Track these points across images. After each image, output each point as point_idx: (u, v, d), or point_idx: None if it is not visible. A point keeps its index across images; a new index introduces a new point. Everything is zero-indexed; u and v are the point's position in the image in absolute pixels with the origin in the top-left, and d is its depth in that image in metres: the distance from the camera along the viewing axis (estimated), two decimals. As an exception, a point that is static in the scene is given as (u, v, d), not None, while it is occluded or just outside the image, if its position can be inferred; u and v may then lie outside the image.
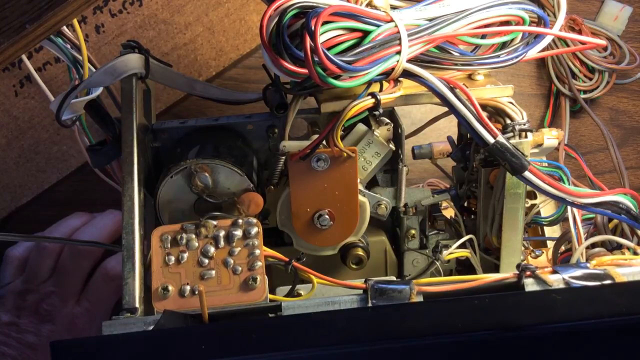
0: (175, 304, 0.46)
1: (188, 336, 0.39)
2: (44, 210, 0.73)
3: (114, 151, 0.52)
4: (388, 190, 0.55)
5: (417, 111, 0.73)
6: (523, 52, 0.50)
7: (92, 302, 0.66)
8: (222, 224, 0.47)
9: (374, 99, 0.47)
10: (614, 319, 0.39)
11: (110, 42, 0.70)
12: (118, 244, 0.49)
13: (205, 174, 0.50)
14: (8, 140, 0.70)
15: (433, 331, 0.38)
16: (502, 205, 0.52)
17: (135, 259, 0.48)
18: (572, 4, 0.75)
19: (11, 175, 0.71)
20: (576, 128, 0.77)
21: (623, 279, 0.43)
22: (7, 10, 0.41)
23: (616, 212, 0.50)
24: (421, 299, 0.42)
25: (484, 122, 0.47)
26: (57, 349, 0.38)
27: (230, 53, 0.73)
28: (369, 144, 0.53)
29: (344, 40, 0.44)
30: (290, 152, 0.50)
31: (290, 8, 0.43)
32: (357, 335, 0.39)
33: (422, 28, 0.46)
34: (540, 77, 0.77)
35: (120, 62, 0.51)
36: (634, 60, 0.74)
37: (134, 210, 0.49)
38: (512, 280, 0.44)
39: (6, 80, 0.69)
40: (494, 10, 0.48)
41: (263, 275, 0.46)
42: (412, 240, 0.57)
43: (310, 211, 0.52)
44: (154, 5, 0.70)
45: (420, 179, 0.73)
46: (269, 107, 0.52)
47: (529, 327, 0.38)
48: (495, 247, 0.55)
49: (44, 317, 0.64)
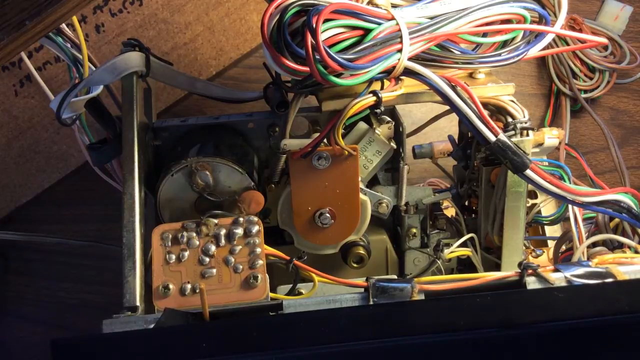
0: (176, 303, 0.46)
1: (189, 334, 0.39)
2: (44, 210, 0.73)
3: (114, 150, 0.52)
4: (389, 188, 0.55)
5: (417, 110, 0.73)
6: (524, 51, 0.49)
7: None
8: (223, 222, 0.47)
9: (375, 97, 0.47)
10: (615, 316, 0.39)
11: (110, 42, 0.70)
12: (119, 242, 0.49)
13: (206, 173, 0.50)
14: (8, 140, 0.70)
15: (435, 329, 0.38)
16: (503, 203, 0.52)
17: (136, 257, 0.47)
18: (573, 4, 0.75)
19: (11, 174, 0.71)
20: (577, 127, 0.77)
21: (625, 277, 0.43)
22: (7, 7, 0.41)
23: (617, 211, 0.50)
24: (423, 297, 0.42)
25: (485, 120, 0.47)
26: (58, 346, 0.38)
27: (230, 52, 0.73)
28: (370, 143, 0.53)
29: (345, 38, 0.44)
30: (291, 151, 0.50)
31: (292, 6, 0.43)
32: (358, 333, 0.39)
33: (423, 26, 0.46)
34: (540, 76, 0.77)
35: (120, 60, 0.51)
36: (634, 60, 0.74)
37: (135, 208, 0.49)
38: (513, 278, 0.44)
39: (6, 79, 0.69)
40: (495, 8, 0.48)
41: (264, 273, 0.46)
42: (413, 239, 0.56)
43: (311, 210, 0.52)
44: (154, 4, 0.70)
45: (421, 179, 0.72)
46: (270, 106, 0.52)
47: (530, 325, 0.38)
48: (497, 245, 0.55)
49: None
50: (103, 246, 0.67)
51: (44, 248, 0.73)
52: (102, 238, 0.68)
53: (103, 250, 0.67)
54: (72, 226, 0.73)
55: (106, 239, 0.67)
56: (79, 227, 0.73)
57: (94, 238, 0.68)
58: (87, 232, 0.73)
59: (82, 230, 0.73)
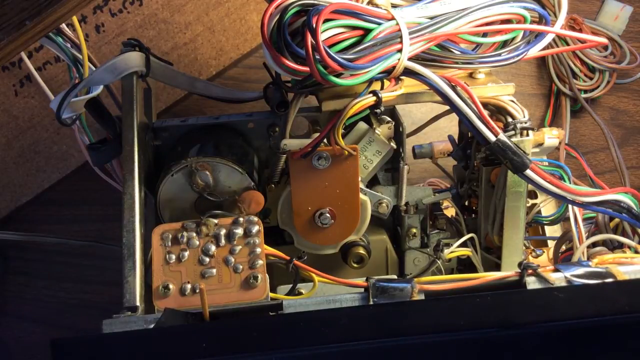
0: (176, 303, 0.45)
1: (189, 334, 0.39)
2: (44, 209, 0.73)
3: (114, 149, 0.52)
4: (389, 188, 0.55)
5: (417, 110, 0.73)
6: (524, 51, 0.49)
7: None
8: (223, 222, 0.47)
9: (375, 96, 0.47)
10: (615, 316, 0.39)
11: (110, 42, 0.70)
12: (119, 242, 0.49)
13: (206, 172, 0.50)
14: (8, 140, 0.70)
15: (435, 329, 0.38)
16: (503, 203, 0.52)
17: (136, 257, 0.47)
18: (573, 4, 0.75)
19: (11, 174, 0.71)
20: (577, 128, 0.77)
21: (625, 277, 0.43)
22: (7, 7, 0.41)
23: (617, 211, 0.50)
24: (423, 297, 0.42)
25: (485, 120, 0.47)
26: (58, 346, 0.38)
27: (230, 52, 0.73)
28: (370, 143, 0.53)
29: (345, 38, 0.44)
30: (291, 151, 0.50)
31: (292, 6, 0.43)
32: (358, 333, 0.39)
33: (423, 26, 0.46)
34: (540, 76, 0.77)
35: (121, 60, 0.51)
36: (634, 60, 0.74)
37: (135, 208, 0.49)
38: (514, 278, 0.44)
39: (6, 79, 0.69)
40: (495, 8, 0.48)
41: (264, 273, 0.46)
42: (413, 239, 0.56)
43: (311, 210, 0.52)
44: (154, 4, 0.70)
45: (421, 179, 0.72)
46: (270, 106, 0.52)
47: (530, 325, 0.38)
48: (497, 245, 0.55)
49: None
50: (103, 246, 0.67)
51: (44, 248, 0.73)
52: (102, 238, 0.68)
53: (103, 250, 0.67)
54: (72, 226, 0.73)
55: (106, 239, 0.67)
56: (79, 227, 0.73)
57: (94, 238, 0.68)
58: (87, 232, 0.73)
59: (82, 230, 0.73)
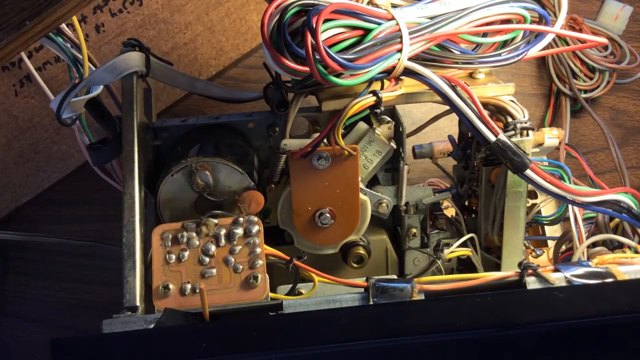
0: (176, 303, 0.45)
1: (189, 334, 0.39)
2: (44, 209, 0.73)
3: (114, 149, 0.52)
4: (389, 188, 0.55)
5: (417, 110, 0.73)
6: (524, 51, 0.49)
7: None
8: (223, 222, 0.47)
9: (375, 96, 0.47)
10: (615, 316, 0.39)
11: (110, 42, 0.70)
12: (119, 242, 0.49)
13: (206, 172, 0.50)
14: (8, 140, 0.70)
15: (435, 329, 0.38)
16: (503, 203, 0.52)
17: (136, 257, 0.47)
18: (573, 4, 0.75)
19: (11, 174, 0.71)
20: (577, 127, 0.77)
21: (625, 277, 0.43)
22: (7, 7, 0.41)
23: (617, 211, 0.50)
24: (423, 297, 0.42)
25: (485, 120, 0.47)
26: (58, 346, 0.38)
27: (230, 52, 0.73)
28: (370, 143, 0.53)
29: (345, 38, 0.44)
30: (291, 151, 0.50)
31: (292, 6, 0.43)
32: (358, 333, 0.38)
33: (423, 26, 0.46)
34: (540, 76, 0.77)
35: (121, 60, 0.51)
36: (634, 60, 0.74)
37: (135, 208, 0.49)
38: (514, 278, 0.44)
39: (6, 79, 0.69)
40: (495, 8, 0.48)
41: (264, 273, 0.46)
42: (413, 239, 0.56)
43: (311, 210, 0.52)
44: (154, 4, 0.70)
45: (421, 179, 0.72)
46: (270, 106, 0.52)
47: (530, 325, 0.38)
48: (497, 245, 0.55)
49: None
50: (103, 246, 0.67)
51: (44, 248, 0.73)
52: (102, 238, 0.68)
53: (103, 250, 0.67)
54: (72, 226, 0.73)
55: (106, 239, 0.67)
56: (79, 227, 0.73)
57: (94, 238, 0.68)
58: (87, 232, 0.73)
59: (82, 230, 0.73)
